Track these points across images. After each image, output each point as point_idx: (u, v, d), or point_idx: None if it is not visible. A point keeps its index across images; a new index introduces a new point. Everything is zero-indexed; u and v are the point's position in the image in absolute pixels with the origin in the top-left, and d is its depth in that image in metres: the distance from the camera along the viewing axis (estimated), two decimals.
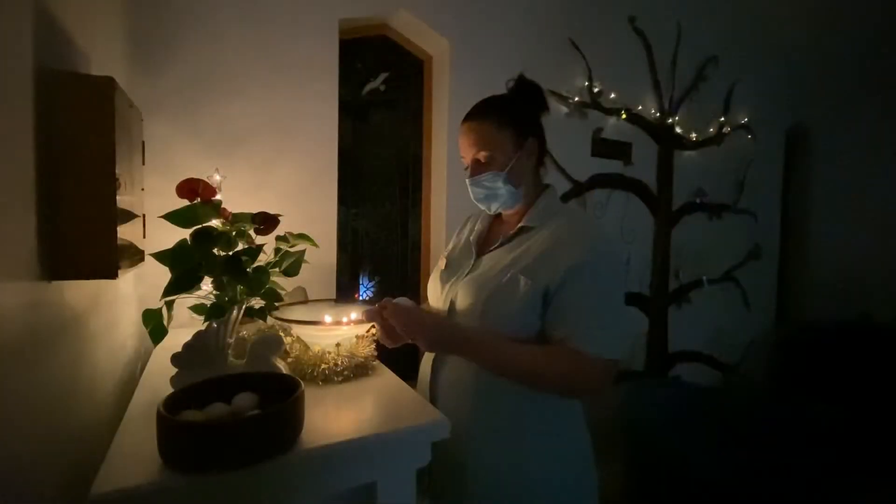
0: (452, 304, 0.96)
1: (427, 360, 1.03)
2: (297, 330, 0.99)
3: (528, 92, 0.99)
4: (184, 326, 1.09)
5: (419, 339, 0.84)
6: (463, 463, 0.90)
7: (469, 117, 0.97)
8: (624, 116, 2.30)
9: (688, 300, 2.65)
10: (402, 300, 0.87)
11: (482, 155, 0.94)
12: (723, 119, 2.70)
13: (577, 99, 2.14)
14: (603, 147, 2.27)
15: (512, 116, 0.95)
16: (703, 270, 2.71)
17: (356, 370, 0.98)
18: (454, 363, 0.95)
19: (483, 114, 0.95)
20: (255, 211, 1.00)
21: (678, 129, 2.51)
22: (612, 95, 2.24)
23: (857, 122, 3.22)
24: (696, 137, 2.59)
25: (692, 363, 2.70)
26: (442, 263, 1.08)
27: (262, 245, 0.98)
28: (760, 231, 2.99)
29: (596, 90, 2.19)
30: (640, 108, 2.37)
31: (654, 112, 2.42)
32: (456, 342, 0.85)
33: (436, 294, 1.04)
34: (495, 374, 0.87)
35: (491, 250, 0.97)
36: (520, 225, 0.95)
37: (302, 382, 0.70)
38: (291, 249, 1.07)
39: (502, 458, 0.89)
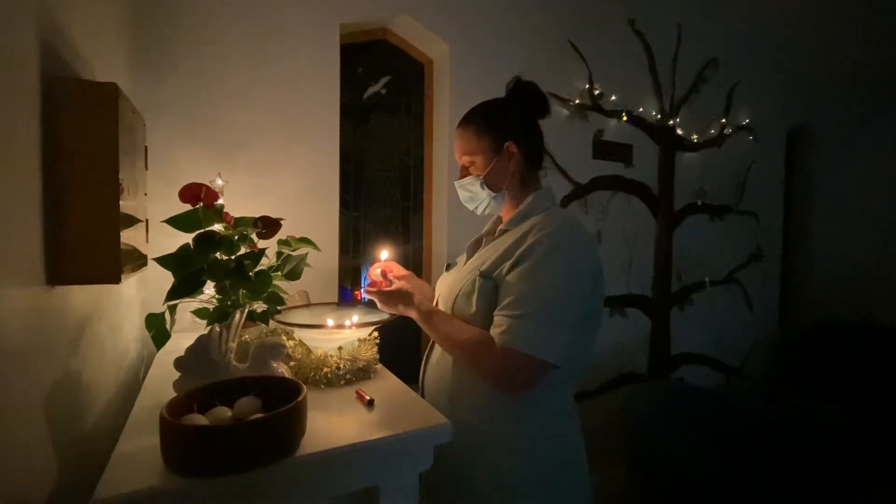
0: (437, 303, 1.04)
1: (425, 355, 1.06)
2: (299, 334, 0.99)
3: (523, 93, 1.00)
4: (186, 331, 1.10)
5: (379, 301, 0.99)
6: (441, 457, 0.89)
7: (459, 122, 1.01)
8: (625, 118, 2.30)
9: (690, 302, 2.65)
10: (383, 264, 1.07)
11: (465, 160, 0.99)
12: (724, 120, 2.70)
13: (577, 101, 2.14)
14: (604, 149, 2.27)
15: (494, 122, 0.97)
16: (706, 272, 2.70)
17: (358, 374, 0.98)
18: (438, 356, 0.99)
19: (468, 119, 0.99)
20: (257, 215, 1.01)
21: (679, 131, 2.51)
22: (613, 97, 2.24)
23: (858, 122, 3.21)
24: (697, 139, 2.58)
25: (695, 365, 2.69)
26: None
27: (265, 249, 0.98)
28: (762, 232, 2.98)
29: (597, 92, 2.19)
30: (640, 109, 2.37)
31: (654, 114, 2.42)
32: (405, 306, 0.96)
33: (436, 294, 1.11)
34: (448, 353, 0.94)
35: (477, 252, 1.02)
36: (499, 228, 0.99)
37: (304, 386, 0.71)
38: (293, 253, 1.07)
39: (479, 455, 0.89)
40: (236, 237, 0.92)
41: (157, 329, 0.88)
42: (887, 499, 2.17)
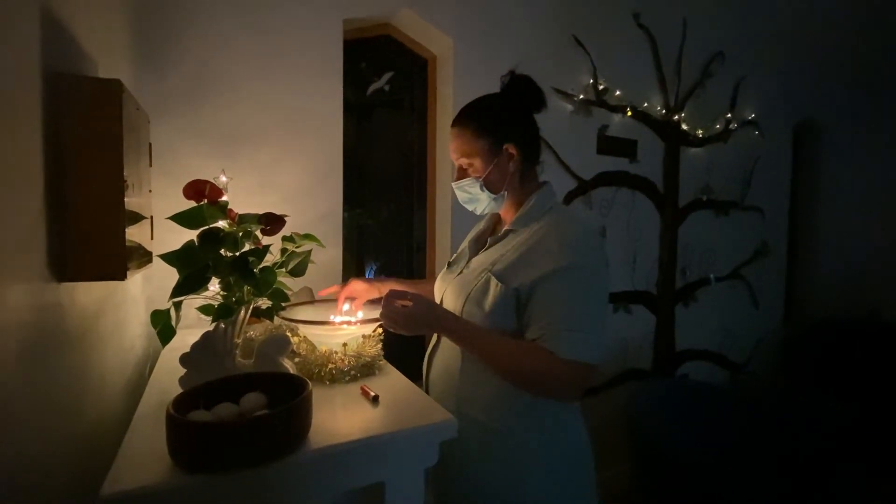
0: (442, 302, 1.01)
1: (428, 352, 1.05)
2: (303, 330, 0.99)
3: (519, 88, 0.97)
4: (192, 327, 1.10)
5: (398, 326, 0.87)
6: (449, 456, 0.89)
7: (454, 122, 0.98)
8: (629, 113, 2.28)
9: (695, 298, 2.64)
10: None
11: (462, 161, 0.97)
12: (729, 115, 2.68)
13: (582, 96, 2.13)
14: (608, 144, 2.25)
15: (491, 122, 0.94)
16: (711, 268, 2.69)
17: (363, 370, 0.98)
18: (444, 353, 0.98)
19: (464, 120, 0.96)
20: (261, 212, 1.01)
21: (684, 126, 2.49)
22: (618, 93, 2.23)
23: (865, 117, 3.18)
24: (702, 134, 2.57)
25: (700, 362, 2.68)
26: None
27: (269, 245, 0.98)
28: (768, 228, 2.96)
29: (601, 87, 2.18)
30: (645, 105, 2.35)
31: (659, 109, 2.41)
32: (433, 321, 0.88)
33: (436, 292, 1.08)
34: (477, 361, 0.89)
35: (482, 251, 0.99)
36: (505, 228, 0.97)
37: (309, 382, 0.71)
38: (297, 250, 1.07)
39: (488, 453, 0.89)
40: (240, 234, 0.92)
41: (163, 325, 0.88)
42: (890, 498, 2.17)
